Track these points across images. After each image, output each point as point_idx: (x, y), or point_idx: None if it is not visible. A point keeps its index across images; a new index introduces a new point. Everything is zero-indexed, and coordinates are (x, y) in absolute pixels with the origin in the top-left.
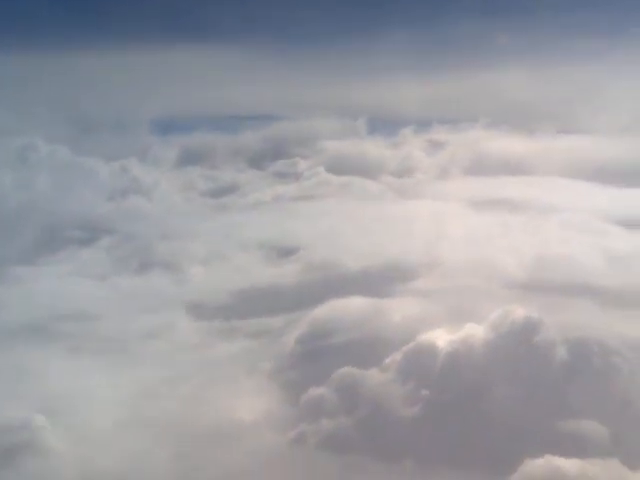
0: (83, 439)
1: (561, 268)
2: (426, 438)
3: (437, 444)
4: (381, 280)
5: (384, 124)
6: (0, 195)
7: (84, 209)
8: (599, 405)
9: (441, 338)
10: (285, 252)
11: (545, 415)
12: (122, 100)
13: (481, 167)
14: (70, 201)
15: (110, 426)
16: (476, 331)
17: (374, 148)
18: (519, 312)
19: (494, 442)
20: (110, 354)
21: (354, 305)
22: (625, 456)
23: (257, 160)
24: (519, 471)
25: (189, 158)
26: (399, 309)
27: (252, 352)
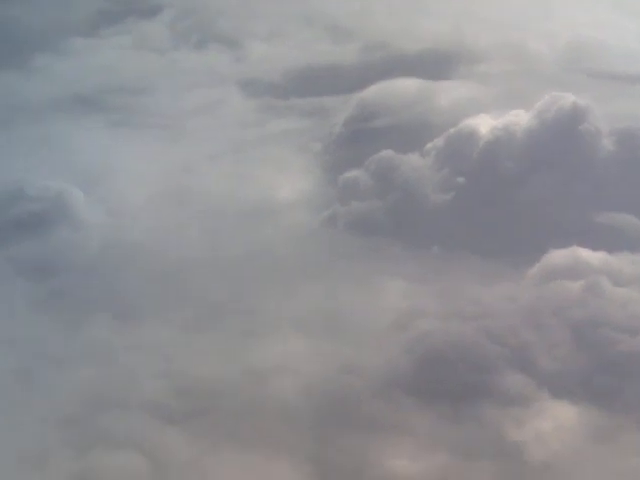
0: (116, 212)
1: (618, 56)
2: (454, 225)
3: (465, 231)
4: (438, 62)
5: None
6: None
7: None
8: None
9: (484, 124)
10: (348, 31)
11: (581, 206)
12: None
13: None
14: None
15: (145, 200)
16: (521, 117)
17: None
18: (568, 98)
19: (524, 232)
20: (156, 128)
21: (405, 86)
22: None
23: None
24: (542, 260)
25: None
26: (451, 92)
27: (302, 131)
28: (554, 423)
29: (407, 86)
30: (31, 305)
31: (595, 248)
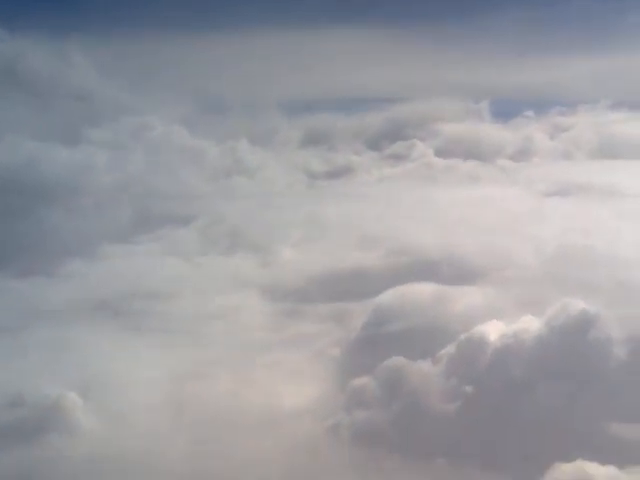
0: (113, 419)
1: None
2: (459, 436)
3: (469, 443)
4: (457, 267)
5: (506, 106)
6: (107, 173)
7: (186, 189)
8: None
9: (494, 331)
10: (372, 237)
11: (590, 417)
12: (248, 82)
13: (603, 150)
14: (173, 181)
15: (144, 407)
16: (531, 324)
17: (493, 131)
18: (577, 305)
19: (529, 443)
20: (170, 333)
21: (420, 292)
22: None
23: (376, 142)
24: (546, 475)
25: (309, 140)
26: (465, 298)
27: (320, 336)
28: None
29: (423, 291)
30: None
31: (604, 462)
